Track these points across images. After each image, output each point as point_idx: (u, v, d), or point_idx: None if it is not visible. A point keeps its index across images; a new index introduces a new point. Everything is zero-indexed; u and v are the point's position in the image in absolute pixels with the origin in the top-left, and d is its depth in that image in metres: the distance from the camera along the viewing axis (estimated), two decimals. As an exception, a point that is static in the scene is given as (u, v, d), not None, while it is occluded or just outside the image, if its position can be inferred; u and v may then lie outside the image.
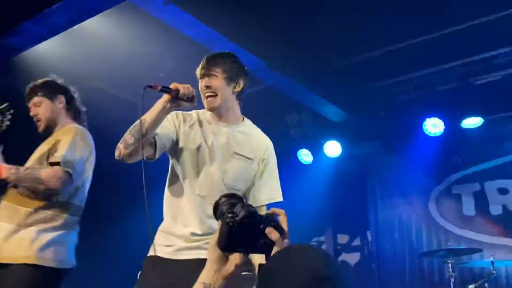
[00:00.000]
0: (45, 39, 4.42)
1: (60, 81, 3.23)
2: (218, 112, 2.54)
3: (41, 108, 3.10)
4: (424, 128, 6.41)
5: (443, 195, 6.71)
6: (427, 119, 6.38)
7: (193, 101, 2.38)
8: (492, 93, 5.95)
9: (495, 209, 6.31)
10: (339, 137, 6.99)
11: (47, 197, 2.83)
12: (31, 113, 3.12)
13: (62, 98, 3.16)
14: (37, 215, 2.81)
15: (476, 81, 5.92)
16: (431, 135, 6.43)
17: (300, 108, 6.72)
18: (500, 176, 6.36)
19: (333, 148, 7.04)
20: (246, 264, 1.31)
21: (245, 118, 2.66)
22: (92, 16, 4.01)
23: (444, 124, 6.32)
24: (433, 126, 6.39)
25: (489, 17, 4.96)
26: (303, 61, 5.75)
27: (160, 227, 2.49)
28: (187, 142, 2.49)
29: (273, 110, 6.59)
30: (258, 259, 1.28)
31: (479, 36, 5.21)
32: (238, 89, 2.55)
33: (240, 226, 1.26)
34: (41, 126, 3.11)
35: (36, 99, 3.11)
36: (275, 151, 2.67)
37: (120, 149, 2.29)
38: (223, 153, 2.49)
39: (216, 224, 1.32)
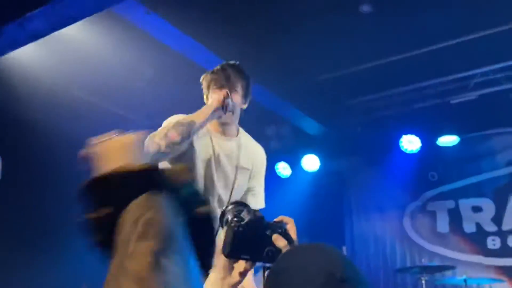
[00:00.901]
0: (24, 44, 4.35)
1: None
2: (226, 127, 2.53)
3: None
4: (400, 144, 6.49)
5: (418, 212, 6.78)
6: (404, 136, 6.46)
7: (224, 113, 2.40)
8: (468, 112, 6.06)
9: (469, 227, 6.39)
10: (317, 151, 7.02)
11: None
12: None
13: None
14: None
15: (453, 100, 6.02)
16: (408, 151, 6.51)
17: (279, 121, 6.73)
18: (474, 194, 6.45)
19: (311, 162, 7.06)
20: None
21: (240, 128, 2.65)
22: (73, 23, 3.97)
23: (421, 141, 6.41)
24: (409, 142, 6.46)
25: (466, 37, 5.05)
26: (283, 74, 5.77)
27: None
28: (199, 152, 2.44)
29: (252, 122, 6.58)
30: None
31: (456, 56, 5.31)
32: (246, 106, 2.57)
33: (245, 230, 1.22)
34: None
35: None
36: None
37: (160, 145, 2.20)
38: (229, 167, 2.50)
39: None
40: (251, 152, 2.59)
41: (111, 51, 5.12)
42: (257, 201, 2.57)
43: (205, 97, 2.57)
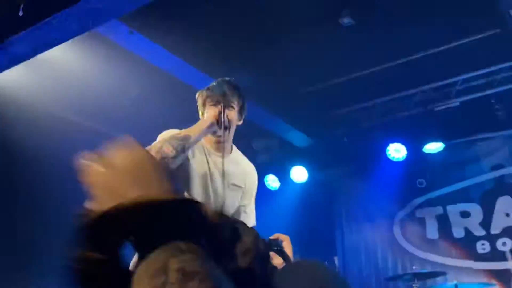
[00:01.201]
0: (7, 67, 4.34)
1: None
2: (221, 143, 2.51)
3: None
4: (387, 153, 6.55)
5: (407, 219, 6.82)
6: (390, 144, 6.52)
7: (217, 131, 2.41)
8: (452, 119, 6.13)
9: (458, 232, 6.44)
10: (305, 162, 7.05)
11: None
12: None
13: None
14: None
15: (436, 107, 6.09)
16: (394, 160, 6.57)
17: (266, 134, 6.77)
18: (462, 200, 6.51)
19: (299, 174, 7.09)
20: None
21: (233, 146, 2.65)
22: (56, 45, 3.98)
23: (407, 149, 6.48)
24: (396, 151, 6.53)
25: (447, 46, 5.14)
26: (269, 87, 5.81)
27: None
28: (195, 169, 2.44)
29: (239, 135, 6.61)
30: None
31: (438, 64, 5.40)
32: (241, 122, 2.57)
33: None
34: None
35: None
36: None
37: None
38: (222, 184, 2.49)
39: None
40: (244, 170, 2.59)
41: (95, 71, 5.13)
42: (249, 219, 2.57)
43: (200, 114, 2.56)
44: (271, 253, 1.24)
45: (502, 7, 4.46)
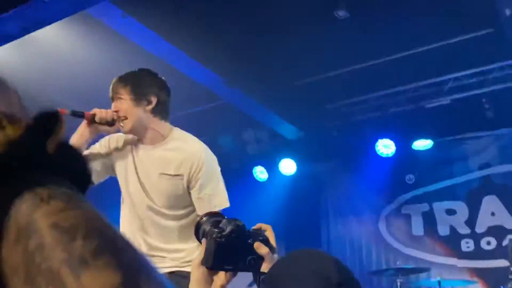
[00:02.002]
0: (-5, 46, 4.28)
1: None
2: (137, 135, 2.50)
3: None
4: (376, 148, 6.57)
5: (393, 215, 6.85)
6: (379, 140, 6.54)
7: (115, 125, 2.36)
8: (441, 117, 6.16)
9: (443, 230, 6.49)
10: (294, 155, 7.05)
11: None
12: None
13: None
14: None
15: (427, 104, 6.11)
16: (383, 155, 6.59)
17: (256, 125, 6.75)
18: (448, 197, 6.56)
19: (288, 166, 7.09)
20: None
21: (173, 131, 2.56)
22: (47, 25, 3.92)
23: (396, 146, 6.49)
24: (385, 147, 6.55)
25: (440, 43, 5.15)
26: (261, 79, 5.80)
27: None
28: (120, 167, 2.49)
29: (229, 126, 6.61)
30: None
31: (431, 61, 5.41)
32: (151, 106, 2.46)
33: (228, 241, 1.20)
34: None
35: None
36: (231, 168, 2.66)
37: None
38: (149, 176, 2.46)
39: (154, 242, 1.26)
40: (182, 157, 2.47)
41: (86, 53, 5.07)
42: (204, 205, 2.41)
43: None
44: (257, 243, 1.22)
45: (497, 6, 4.46)
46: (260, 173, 7.26)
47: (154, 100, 2.47)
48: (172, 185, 2.45)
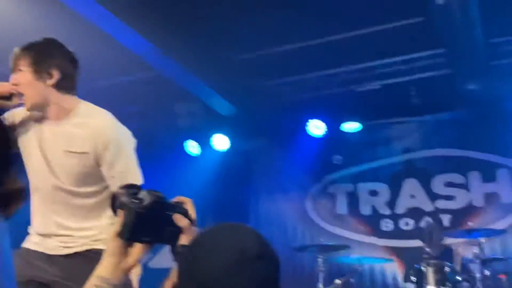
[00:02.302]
0: None
1: None
2: (41, 111, 2.32)
3: None
4: (307, 128, 6.71)
5: (320, 194, 7.06)
6: (310, 120, 6.67)
7: (10, 99, 2.22)
8: (371, 101, 6.35)
9: (365, 210, 6.77)
10: (227, 131, 7.05)
11: None
12: None
13: None
14: None
15: (358, 88, 6.26)
16: (314, 135, 6.75)
17: (190, 98, 6.67)
18: (372, 179, 6.83)
19: (220, 142, 7.09)
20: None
21: (80, 105, 2.38)
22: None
23: (326, 127, 6.66)
24: (316, 127, 6.70)
25: (373, 28, 5.27)
26: (197, 51, 5.71)
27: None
28: (23, 144, 2.33)
29: (162, 98, 6.49)
30: None
31: (363, 46, 5.53)
32: (53, 80, 2.28)
33: (147, 212, 1.17)
34: None
35: None
36: (162, 141, 2.58)
37: None
38: (54, 154, 2.31)
39: (64, 221, 1.20)
40: (87, 133, 2.29)
41: (34, 25, 4.77)
42: (117, 184, 2.16)
43: None
44: (177, 216, 1.22)
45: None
46: (192, 147, 7.21)
47: (56, 73, 2.28)
48: (78, 163, 2.29)
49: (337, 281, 4.91)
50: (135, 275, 2.27)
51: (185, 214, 1.25)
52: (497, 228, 5.53)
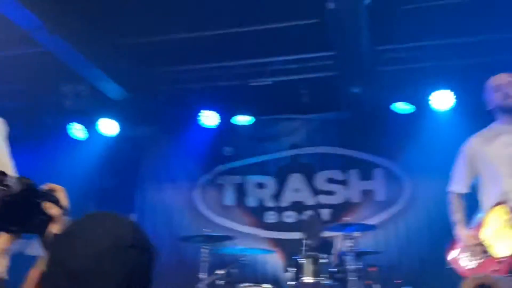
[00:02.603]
0: None
1: None
2: None
3: None
4: (199, 118, 6.71)
5: (208, 185, 7.09)
6: (203, 111, 6.68)
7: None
8: (262, 96, 6.49)
9: (251, 202, 6.92)
10: (116, 116, 6.83)
11: None
12: None
13: None
14: None
15: (251, 82, 6.36)
16: (205, 126, 6.77)
17: (78, 79, 6.34)
18: (260, 172, 7.00)
19: (108, 126, 6.85)
20: None
21: None
22: None
23: (219, 118, 6.71)
24: (208, 118, 6.73)
25: (268, 25, 5.37)
26: (88, 31, 5.46)
27: None
28: None
29: (48, 76, 6.12)
30: None
31: (259, 41, 5.63)
32: None
33: (15, 200, 1.10)
34: None
35: None
36: (44, 122, 2.42)
37: None
38: None
39: None
40: None
41: None
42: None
43: None
44: (48, 204, 1.17)
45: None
46: (77, 130, 6.88)
47: None
48: None
49: (219, 272, 4.98)
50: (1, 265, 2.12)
51: (56, 202, 1.19)
52: (370, 223, 5.89)
